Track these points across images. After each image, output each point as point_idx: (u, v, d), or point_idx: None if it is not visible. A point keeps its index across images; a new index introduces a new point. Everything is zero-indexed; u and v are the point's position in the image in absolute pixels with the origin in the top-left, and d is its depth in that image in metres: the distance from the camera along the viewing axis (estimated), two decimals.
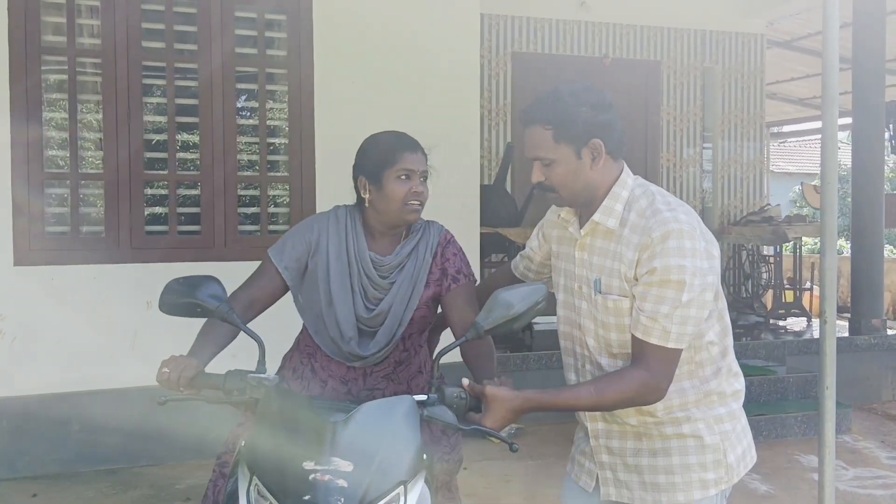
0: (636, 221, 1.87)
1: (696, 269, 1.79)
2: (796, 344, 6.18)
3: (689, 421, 1.93)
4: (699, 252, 1.81)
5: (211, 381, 1.90)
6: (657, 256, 1.79)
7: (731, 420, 1.97)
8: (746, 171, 7.94)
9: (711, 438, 1.93)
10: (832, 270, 2.68)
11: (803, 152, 24.11)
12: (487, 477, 4.47)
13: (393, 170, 2.17)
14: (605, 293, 1.90)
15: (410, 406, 1.76)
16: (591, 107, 1.90)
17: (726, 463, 1.94)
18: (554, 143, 1.90)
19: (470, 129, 5.34)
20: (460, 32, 5.28)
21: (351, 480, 1.56)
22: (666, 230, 1.79)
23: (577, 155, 1.90)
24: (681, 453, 1.93)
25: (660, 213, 1.84)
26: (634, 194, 1.92)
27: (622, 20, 7.40)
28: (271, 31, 4.99)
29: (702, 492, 1.93)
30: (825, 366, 2.71)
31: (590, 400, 1.81)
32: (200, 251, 4.75)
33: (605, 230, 1.92)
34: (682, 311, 1.79)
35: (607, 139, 1.90)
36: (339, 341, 2.23)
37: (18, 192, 4.46)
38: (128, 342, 4.62)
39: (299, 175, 4.96)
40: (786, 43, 8.74)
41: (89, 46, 4.68)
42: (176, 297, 1.92)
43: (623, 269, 1.86)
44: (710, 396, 1.94)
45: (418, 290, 2.24)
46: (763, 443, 5.24)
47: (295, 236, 2.28)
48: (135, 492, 4.25)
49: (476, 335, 1.84)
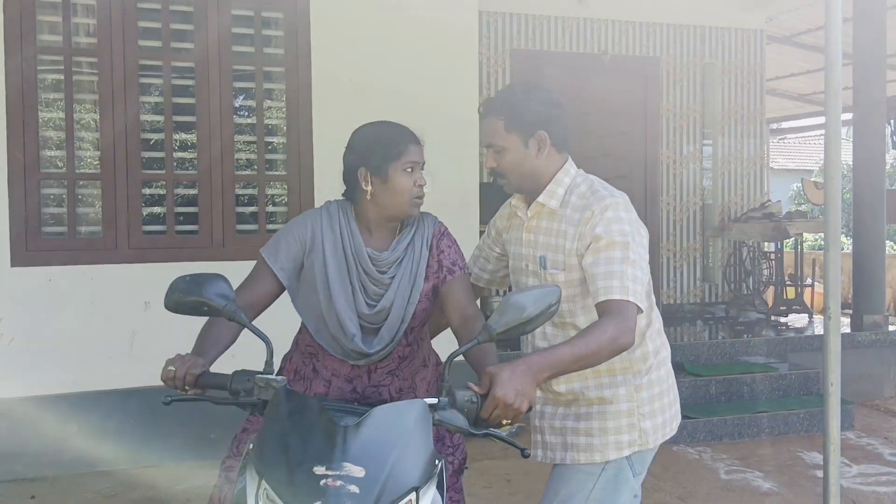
0: (576, 202, 2.11)
1: (634, 233, 2.02)
2: (798, 340, 6.16)
3: (612, 386, 2.13)
4: (634, 222, 2.06)
5: (217, 381, 1.87)
6: (599, 225, 2.02)
7: (649, 388, 2.16)
8: (747, 167, 7.91)
9: (628, 405, 2.13)
10: (836, 265, 2.65)
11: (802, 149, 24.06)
12: (488, 476, 4.44)
13: (399, 163, 2.14)
14: (550, 268, 2.13)
15: (422, 410, 1.72)
16: (540, 102, 2.15)
17: (640, 427, 2.13)
18: (505, 133, 2.14)
19: (469, 126, 5.31)
20: (460, 29, 5.26)
21: (363, 486, 1.52)
22: (604, 204, 2.04)
23: (524, 144, 2.14)
24: (600, 418, 2.14)
25: (598, 193, 2.10)
26: (576, 181, 2.17)
27: (621, 17, 7.37)
28: (268, 30, 4.97)
29: (616, 452, 2.12)
30: (829, 362, 2.69)
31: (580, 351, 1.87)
32: (199, 251, 4.73)
33: (549, 211, 2.16)
34: (632, 268, 1.97)
35: (552, 132, 2.14)
36: (342, 340, 2.19)
37: (15, 192, 4.44)
38: (126, 343, 4.59)
39: (297, 174, 4.93)
40: (785, 38, 8.71)
41: (85, 45, 4.66)
42: (182, 296, 1.88)
43: (566, 245, 2.09)
44: (635, 364, 2.14)
45: (418, 284, 2.21)
46: (765, 440, 5.23)
47: (288, 235, 2.23)
48: (134, 493, 4.23)
49: (488, 338, 1.81)
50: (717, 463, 4.76)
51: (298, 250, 2.22)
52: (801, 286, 7.39)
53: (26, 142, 4.45)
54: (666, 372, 2.23)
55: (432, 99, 5.07)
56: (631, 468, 2.13)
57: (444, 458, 2.25)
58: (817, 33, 8.47)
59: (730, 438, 5.18)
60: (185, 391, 1.88)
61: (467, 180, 5.27)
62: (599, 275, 1.98)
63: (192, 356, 1.92)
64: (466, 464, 2.43)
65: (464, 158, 5.25)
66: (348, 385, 2.25)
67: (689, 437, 5.06)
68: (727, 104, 7.81)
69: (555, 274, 2.11)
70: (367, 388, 2.24)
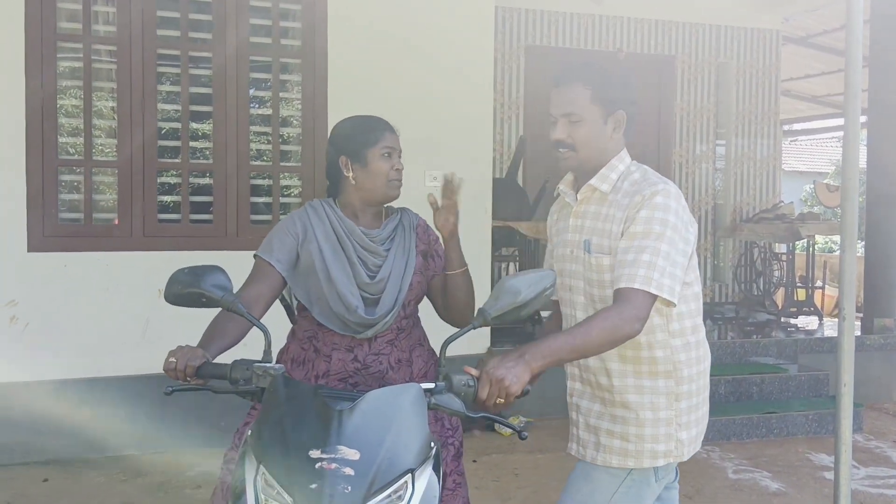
0: (628, 188, 2.04)
1: (678, 224, 1.94)
2: (808, 342, 6.15)
3: (653, 392, 2.04)
4: (681, 213, 1.97)
5: (217, 371, 1.90)
6: (643, 208, 1.94)
7: (688, 398, 2.07)
8: (760, 168, 7.89)
9: (667, 413, 2.04)
10: (852, 266, 2.65)
11: (814, 151, 23.95)
12: (496, 470, 4.46)
13: (377, 148, 2.28)
14: (595, 252, 2.04)
15: (417, 394, 1.74)
16: (627, 83, 2.10)
17: (677, 438, 2.05)
18: (589, 103, 2.04)
19: (483, 122, 5.33)
20: (475, 25, 5.26)
21: (357, 468, 1.54)
22: (655, 190, 1.97)
23: (604, 119, 2.06)
24: (637, 424, 2.05)
25: (651, 180, 2.02)
26: (630, 169, 2.10)
27: (636, 14, 7.36)
28: (286, 21, 4.98)
29: (651, 461, 2.05)
30: (843, 363, 2.69)
31: (577, 341, 1.84)
32: (212, 240, 4.76)
33: (599, 195, 2.09)
34: (663, 260, 1.90)
35: (630, 115, 2.09)
36: (345, 315, 2.26)
37: (33, 178, 4.47)
38: (139, 330, 4.63)
39: (311, 166, 4.95)
40: (801, 39, 8.68)
41: (104, 34, 4.68)
42: (182, 288, 1.91)
43: (613, 228, 2.01)
44: (678, 370, 2.05)
45: (412, 257, 2.35)
46: (774, 440, 5.23)
47: (279, 232, 2.32)
48: (146, 478, 4.26)
49: (483, 322, 1.84)
50: (725, 462, 4.77)
51: (292, 243, 2.30)
52: (811, 288, 7.37)
53: (45, 128, 4.48)
54: (705, 384, 2.15)
55: (447, 93, 5.09)
56: (655, 474, 2.09)
57: (444, 441, 2.30)
58: (833, 35, 8.44)
59: (738, 438, 5.19)
60: (185, 381, 1.90)
61: (481, 174, 5.28)
62: (627, 262, 1.92)
63: (194, 348, 1.95)
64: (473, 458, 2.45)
65: (478, 153, 5.26)
66: (349, 355, 2.30)
67: None
68: (741, 104, 7.79)
69: (600, 258, 2.03)
70: (368, 356, 2.30)
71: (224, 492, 2.28)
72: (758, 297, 7.48)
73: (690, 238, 2.00)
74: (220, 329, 2.10)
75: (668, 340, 2.04)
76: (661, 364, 2.03)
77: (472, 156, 5.20)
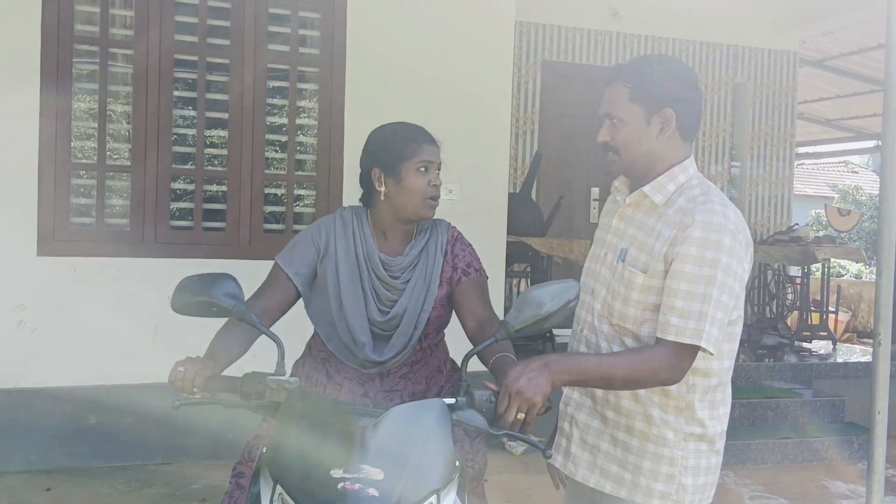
0: (683, 205, 1.85)
1: (730, 267, 1.77)
2: (823, 367, 6.06)
3: (662, 424, 1.88)
4: (736, 254, 1.78)
5: (227, 384, 1.82)
6: (694, 245, 1.76)
7: (699, 441, 1.90)
8: (774, 190, 7.84)
9: (672, 452, 1.88)
10: (889, 290, 2.58)
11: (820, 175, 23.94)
12: (509, 490, 4.37)
13: (412, 161, 2.12)
14: (629, 264, 1.89)
15: (441, 410, 1.66)
16: (674, 77, 1.90)
17: (679, 482, 1.88)
18: (628, 102, 1.90)
19: (499, 135, 5.27)
20: (494, 38, 5.22)
21: (382, 489, 1.47)
22: (711, 220, 1.77)
23: (646, 119, 1.90)
24: (638, 454, 1.90)
25: (711, 203, 1.82)
26: (691, 183, 1.91)
27: (654, 32, 7.33)
28: (305, 30, 4.95)
29: (645, 498, 1.89)
30: (877, 390, 2.62)
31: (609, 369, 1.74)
32: (224, 248, 4.69)
33: (649, 204, 1.91)
34: (713, 309, 1.74)
35: (680, 113, 1.89)
36: (352, 348, 2.16)
37: (45, 181, 4.41)
38: (148, 337, 4.55)
39: (327, 175, 4.90)
40: (817, 62, 8.65)
41: (122, 38, 4.64)
42: (190, 296, 1.83)
43: (656, 246, 1.83)
44: (692, 409, 1.89)
45: (432, 290, 2.18)
46: (789, 466, 5.13)
47: (303, 241, 2.22)
48: (150, 490, 4.18)
49: (506, 335, 1.75)
50: (741, 488, 4.67)
51: (313, 255, 2.19)
52: (825, 312, 7.29)
53: (58, 131, 4.43)
54: (722, 431, 1.96)
55: (464, 106, 5.03)
56: None
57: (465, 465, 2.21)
58: (849, 58, 8.41)
59: (753, 464, 5.09)
60: (192, 394, 1.82)
61: (496, 188, 5.22)
62: (677, 309, 1.77)
63: (202, 359, 1.87)
64: (484, 477, 2.37)
65: (493, 166, 5.21)
66: (360, 388, 2.20)
67: None
68: (757, 125, 7.74)
69: (633, 273, 1.87)
70: (380, 394, 2.20)
71: None
72: (771, 320, 7.40)
73: (743, 274, 1.83)
74: (227, 342, 2.01)
75: (686, 376, 1.84)
76: (673, 399, 1.88)
77: (488, 170, 5.14)
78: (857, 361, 6.14)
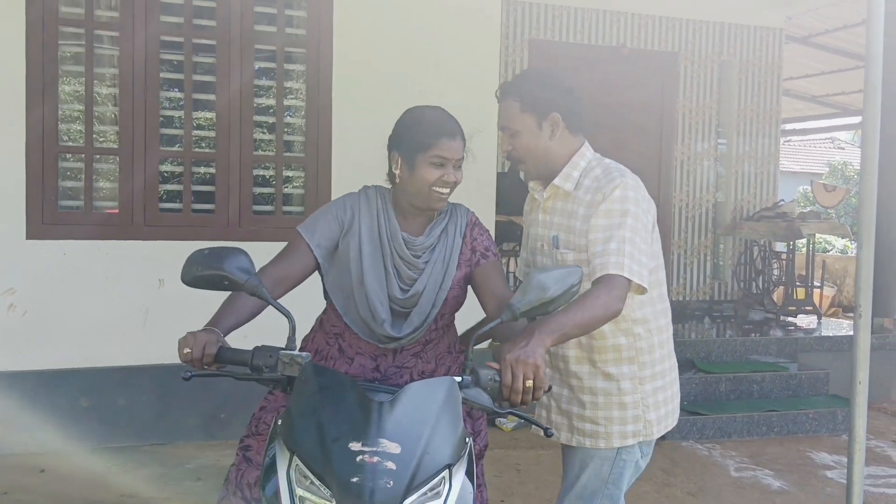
0: (590, 185, 2.16)
1: (637, 214, 2.06)
2: (808, 341, 6.15)
3: (620, 377, 2.18)
4: (641, 200, 2.10)
5: (237, 357, 1.85)
6: (605, 202, 2.07)
7: (652, 380, 2.21)
8: (760, 166, 7.88)
9: (633, 397, 2.19)
10: (869, 264, 2.63)
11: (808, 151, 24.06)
12: (498, 465, 4.43)
13: (427, 155, 2.12)
14: (563, 247, 2.19)
15: (452, 387, 1.71)
16: (553, 86, 2.20)
17: (645, 419, 2.20)
18: (520, 114, 2.19)
19: (486, 115, 5.27)
20: (481, 18, 5.21)
21: (399, 462, 1.51)
22: (614, 185, 2.09)
23: (538, 126, 2.19)
24: (605, 408, 2.20)
25: (610, 174, 2.14)
26: (591, 165, 2.22)
27: (641, 10, 7.32)
28: (291, 10, 4.93)
29: (621, 441, 2.20)
30: (858, 361, 2.68)
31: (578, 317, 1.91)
32: (214, 230, 4.70)
33: (563, 193, 2.21)
34: (629, 245, 2.00)
35: (565, 115, 2.19)
36: (370, 323, 2.19)
37: (32, 165, 4.41)
38: (139, 320, 4.58)
39: (315, 156, 4.90)
40: (802, 39, 8.66)
41: (107, 19, 4.62)
42: (201, 269, 1.85)
43: (577, 225, 2.14)
44: (640, 355, 2.18)
45: (451, 270, 2.22)
46: (774, 439, 5.22)
47: (327, 214, 2.23)
48: (145, 470, 4.21)
49: (511, 317, 1.81)
50: (727, 460, 4.76)
51: (336, 229, 2.22)
52: (811, 287, 7.37)
53: (45, 114, 4.41)
54: (670, 366, 2.29)
55: (451, 86, 5.03)
56: (640, 451, 2.24)
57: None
58: (835, 34, 8.43)
59: (738, 436, 5.18)
60: (204, 368, 1.86)
61: (484, 169, 5.24)
62: (597, 253, 2.04)
63: (205, 333, 1.89)
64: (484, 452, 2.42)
65: (481, 146, 5.18)
66: (371, 363, 2.24)
67: (699, 433, 5.05)
68: (743, 102, 7.77)
69: (565, 254, 2.17)
70: (390, 369, 2.24)
71: (239, 478, 2.24)
72: (757, 295, 7.47)
73: (650, 217, 2.12)
74: (233, 307, 2.04)
75: (630, 328, 2.16)
76: (625, 351, 2.17)
77: (476, 148, 5.14)
78: (842, 335, 6.22)
